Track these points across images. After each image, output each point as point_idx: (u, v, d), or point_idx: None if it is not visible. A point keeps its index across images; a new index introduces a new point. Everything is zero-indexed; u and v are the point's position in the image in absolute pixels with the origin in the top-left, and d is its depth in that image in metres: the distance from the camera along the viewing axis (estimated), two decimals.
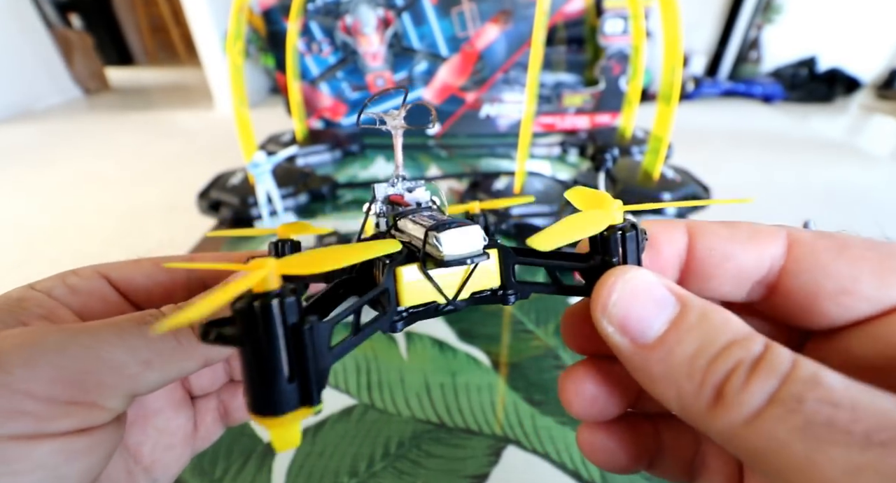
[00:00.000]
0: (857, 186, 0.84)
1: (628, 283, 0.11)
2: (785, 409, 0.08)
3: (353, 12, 0.85)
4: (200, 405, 0.19)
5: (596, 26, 0.88)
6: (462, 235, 0.12)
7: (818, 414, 0.08)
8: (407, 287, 0.13)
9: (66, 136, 1.29)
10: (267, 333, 0.10)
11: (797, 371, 0.09)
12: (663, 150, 0.54)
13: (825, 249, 0.12)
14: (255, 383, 0.10)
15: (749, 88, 1.69)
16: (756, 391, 0.09)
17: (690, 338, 0.10)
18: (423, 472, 0.28)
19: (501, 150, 0.87)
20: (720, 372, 0.09)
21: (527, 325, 0.41)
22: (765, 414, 0.09)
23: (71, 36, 1.87)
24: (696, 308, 0.11)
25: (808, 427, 0.08)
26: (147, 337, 0.13)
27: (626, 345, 0.11)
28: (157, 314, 0.14)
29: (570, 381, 0.15)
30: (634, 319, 0.11)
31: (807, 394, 0.08)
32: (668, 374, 0.10)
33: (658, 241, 0.14)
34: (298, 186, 0.64)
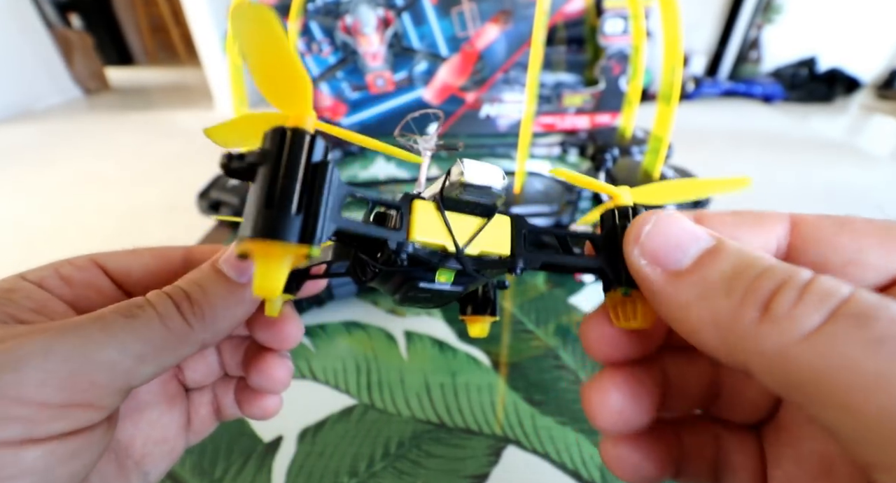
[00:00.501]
0: (857, 186, 0.84)
1: (661, 218, 0.11)
2: (853, 324, 0.08)
3: (353, 12, 0.85)
4: (195, 398, 0.19)
5: (596, 26, 0.88)
6: (485, 168, 0.13)
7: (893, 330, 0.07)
8: (419, 219, 0.13)
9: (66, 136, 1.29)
10: (292, 156, 0.10)
11: (860, 294, 0.08)
12: (663, 150, 0.54)
13: (828, 226, 0.12)
14: (262, 205, 0.10)
15: (749, 88, 1.69)
16: (812, 306, 0.08)
17: (728, 261, 0.10)
18: (423, 472, 0.28)
19: (501, 150, 0.87)
20: (766, 288, 0.09)
21: (527, 325, 0.41)
22: (827, 329, 0.08)
23: (71, 36, 1.87)
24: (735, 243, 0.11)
25: (882, 342, 0.07)
26: (136, 330, 0.12)
27: (657, 276, 0.11)
28: (143, 303, 0.13)
29: (595, 392, 0.14)
30: (670, 246, 0.11)
31: (879, 312, 0.08)
32: (703, 295, 0.10)
33: None
34: None
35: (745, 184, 0.12)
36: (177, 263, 0.18)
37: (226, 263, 0.15)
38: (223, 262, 0.15)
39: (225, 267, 0.15)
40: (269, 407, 0.19)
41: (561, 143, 0.86)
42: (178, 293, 0.14)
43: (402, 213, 0.13)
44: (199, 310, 0.14)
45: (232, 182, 0.64)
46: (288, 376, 0.18)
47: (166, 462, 0.17)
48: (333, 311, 0.42)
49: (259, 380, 0.18)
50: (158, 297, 0.14)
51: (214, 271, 0.15)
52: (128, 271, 0.17)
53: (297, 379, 0.35)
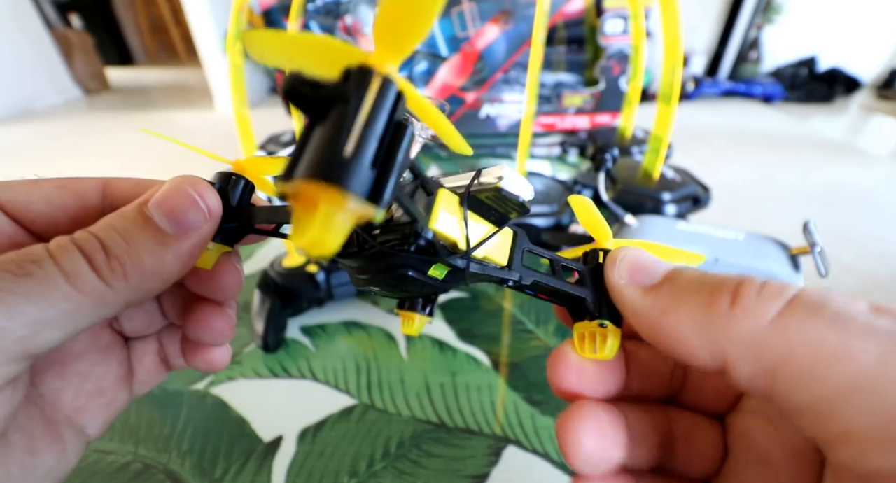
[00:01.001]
0: (857, 186, 0.84)
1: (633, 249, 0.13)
2: (810, 308, 0.09)
3: (353, 12, 0.85)
4: (137, 347, 0.17)
5: (596, 26, 0.88)
6: (521, 180, 0.13)
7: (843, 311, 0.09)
8: (441, 210, 0.12)
9: (66, 136, 1.29)
10: (378, 104, 0.09)
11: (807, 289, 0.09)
12: (663, 150, 0.54)
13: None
14: (334, 149, 0.08)
15: (749, 88, 1.69)
16: (773, 299, 0.09)
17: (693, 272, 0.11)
18: (423, 472, 0.28)
19: (501, 150, 0.87)
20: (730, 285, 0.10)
21: (527, 325, 0.41)
22: (788, 314, 0.09)
23: (71, 36, 1.87)
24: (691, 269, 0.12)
25: (836, 318, 0.08)
26: (31, 292, 0.10)
27: (636, 293, 0.12)
28: (40, 256, 0.11)
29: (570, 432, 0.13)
30: (643, 264, 0.12)
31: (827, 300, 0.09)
32: (678, 299, 0.11)
33: None
34: None
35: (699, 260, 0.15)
36: (93, 200, 0.14)
37: (157, 208, 0.12)
38: (154, 207, 0.12)
39: (156, 213, 0.12)
40: (214, 360, 0.17)
41: (561, 143, 0.86)
42: (90, 243, 0.11)
43: (429, 199, 0.13)
44: (118, 266, 0.11)
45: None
46: (228, 328, 0.16)
47: (105, 414, 0.16)
48: (333, 311, 0.42)
49: (196, 331, 0.16)
50: (62, 249, 0.11)
51: (142, 218, 0.12)
52: (28, 207, 0.13)
53: (297, 379, 0.35)
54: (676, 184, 0.57)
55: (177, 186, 0.13)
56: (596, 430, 0.13)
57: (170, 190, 0.13)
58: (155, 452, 0.30)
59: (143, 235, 0.12)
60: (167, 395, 0.34)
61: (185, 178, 0.13)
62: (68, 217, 0.14)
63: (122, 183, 0.15)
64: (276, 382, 0.35)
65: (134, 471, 0.29)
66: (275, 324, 0.37)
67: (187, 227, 0.12)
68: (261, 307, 0.38)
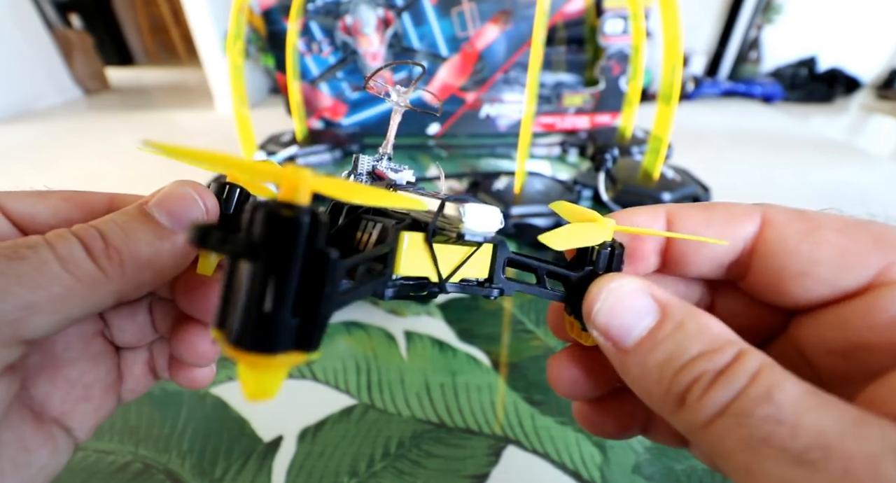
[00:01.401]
0: (857, 186, 0.84)
1: (611, 292, 0.12)
2: (733, 422, 0.09)
3: (353, 12, 0.85)
4: (127, 356, 0.17)
5: (596, 26, 0.88)
6: (486, 213, 0.12)
7: (760, 429, 0.09)
8: (406, 254, 0.12)
9: (66, 136, 1.29)
10: (290, 251, 0.08)
11: (752, 387, 0.09)
12: (663, 150, 0.54)
13: (795, 231, 0.12)
14: (250, 309, 0.08)
15: (749, 88, 1.69)
16: (711, 403, 0.10)
17: (663, 347, 0.11)
18: (423, 472, 0.28)
19: (501, 150, 0.87)
20: (684, 382, 0.10)
21: (527, 325, 0.41)
22: (717, 423, 0.10)
23: (71, 36, 1.86)
24: (675, 317, 0.12)
25: (750, 440, 0.09)
26: (24, 275, 0.10)
27: (608, 348, 0.12)
28: (35, 243, 0.11)
29: (555, 365, 0.16)
30: (614, 328, 0.12)
31: (754, 410, 0.09)
32: (641, 377, 0.11)
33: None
34: None
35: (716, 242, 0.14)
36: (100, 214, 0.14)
37: (158, 207, 0.13)
38: (155, 206, 0.13)
39: (156, 210, 0.13)
40: (195, 378, 0.17)
41: (561, 143, 0.86)
42: (89, 233, 0.12)
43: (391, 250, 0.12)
44: (115, 254, 0.12)
45: None
46: (213, 352, 0.16)
47: (92, 420, 0.16)
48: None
49: (181, 350, 0.16)
50: (59, 237, 0.11)
51: (142, 213, 0.13)
52: (34, 216, 0.14)
53: (297, 379, 0.35)
54: (676, 184, 0.57)
55: (176, 187, 0.13)
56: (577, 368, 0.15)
57: (169, 191, 0.13)
58: (155, 452, 0.30)
59: (143, 229, 0.12)
60: (167, 395, 0.34)
61: (185, 181, 0.14)
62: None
63: (130, 199, 0.15)
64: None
65: (134, 471, 0.29)
66: None
67: (185, 222, 0.13)
68: None
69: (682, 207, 0.14)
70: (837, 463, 0.08)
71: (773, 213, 0.13)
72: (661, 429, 0.16)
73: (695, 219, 0.14)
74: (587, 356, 0.16)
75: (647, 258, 0.15)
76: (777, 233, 0.13)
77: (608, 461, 0.29)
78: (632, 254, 0.15)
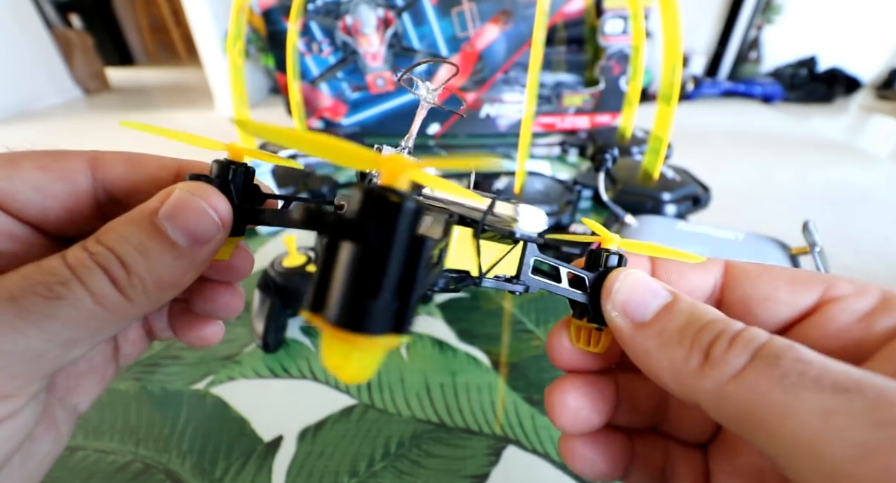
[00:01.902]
0: (857, 186, 0.84)
1: (629, 276, 0.14)
2: (765, 364, 0.10)
3: (353, 12, 0.85)
4: None
5: (596, 26, 0.88)
6: (538, 215, 0.13)
7: (794, 367, 0.09)
8: (455, 248, 0.13)
9: (66, 136, 1.29)
10: (397, 235, 0.09)
11: (774, 340, 0.10)
12: (663, 150, 0.54)
13: (751, 270, 0.15)
14: (354, 291, 0.08)
15: (749, 88, 1.69)
16: (738, 352, 0.10)
17: (681, 315, 0.12)
18: (423, 472, 0.28)
19: (501, 150, 0.87)
20: (706, 338, 0.11)
21: (527, 325, 0.41)
22: (747, 369, 0.10)
23: (71, 36, 1.86)
24: (686, 298, 0.13)
25: (785, 377, 0.09)
26: (64, 315, 0.10)
27: (626, 325, 0.13)
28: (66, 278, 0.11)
29: (556, 394, 0.16)
30: (633, 302, 0.13)
31: (784, 353, 0.10)
32: (661, 345, 0.12)
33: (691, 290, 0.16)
34: (298, 186, 0.64)
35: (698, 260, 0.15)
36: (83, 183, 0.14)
37: (169, 222, 0.12)
38: (166, 220, 0.12)
39: (169, 227, 0.12)
40: (210, 335, 0.17)
41: (561, 143, 0.86)
42: (110, 260, 0.11)
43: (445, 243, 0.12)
44: (138, 282, 0.11)
45: None
46: (240, 302, 0.17)
47: (96, 391, 0.16)
48: None
49: (207, 307, 0.16)
50: (85, 268, 0.11)
51: (155, 231, 0.12)
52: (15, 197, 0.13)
53: (297, 379, 0.35)
54: (676, 184, 0.57)
55: (185, 198, 0.12)
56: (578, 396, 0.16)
57: (179, 201, 0.12)
58: (155, 452, 0.30)
59: (159, 249, 0.12)
60: (167, 395, 0.34)
61: (192, 186, 0.13)
62: (59, 204, 0.13)
63: (112, 162, 0.14)
64: (276, 382, 0.35)
65: (134, 471, 0.29)
66: (275, 324, 0.37)
67: (201, 239, 0.12)
68: (261, 307, 0.38)
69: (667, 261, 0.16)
70: (871, 390, 0.08)
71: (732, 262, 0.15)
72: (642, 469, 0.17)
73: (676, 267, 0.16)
74: (587, 383, 0.16)
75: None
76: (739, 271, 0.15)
77: None
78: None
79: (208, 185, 0.13)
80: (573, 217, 0.55)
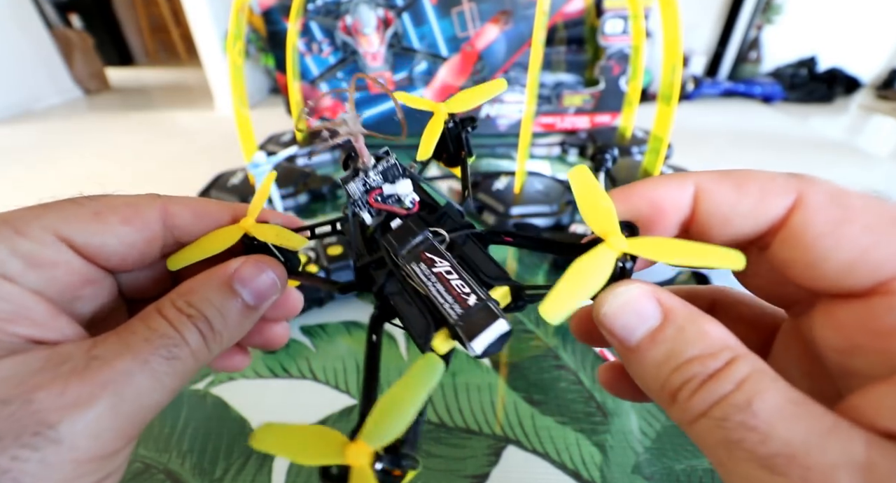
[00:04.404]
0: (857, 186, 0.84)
1: (618, 297, 0.13)
2: (713, 424, 0.11)
3: (353, 12, 0.85)
4: None
5: (596, 26, 0.88)
6: (492, 335, 0.13)
7: (735, 433, 0.10)
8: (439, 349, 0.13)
9: (66, 136, 1.29)
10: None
11: (736, 393, 0.11)
12: (663, 150, 0.54)
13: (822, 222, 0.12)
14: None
15: (749, 88, 1.69)
16: (696, 404, 0.11)
17: (662, 348, 0.12)
18: (424, 472, 0.28)
19: (501, 150, 0.87)
20: (676, 382, 0.12)
21: (527, 325, 0.41)
22: (700, 422, 0.11)
23: (71, 36, 1.87)
24: (676, 321, 0.12)
25: (725, 441, 0.10)
26: (177, 372, 0.13)
27: (615, 344, 0.13)
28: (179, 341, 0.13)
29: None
30: (618, 328, 0.13)
31: (733, 415, 0.10)
32: (641, 373, 0.13)
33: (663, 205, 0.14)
34: (298, 186, 0.64)
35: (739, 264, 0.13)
36: (156, 232, 0.16)
37: (242, 285, 0.15)
38: (239, 284, 0.15)
39: (244, 291, 0.15)
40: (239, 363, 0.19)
41: (561, 143, 0.86)
42: (204, 324, 0.14)
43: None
44: (219, 338, 0.14)
45: (232, 181, 0.64)
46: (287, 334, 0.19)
47: None
48: (333, 311, 0.42)
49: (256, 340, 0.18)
50: (189, 332, 0.13)
51: (231, 293, 0.15)
52: (101, 248, 0.15)
53: (297, 379, 0.35)
54: None
55: (256, 266, 0.15)
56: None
57: (251, 269, 0.15)
58: (155, 452, 0.30)
59: (234, 309, 0.15)
60: None
61: (256, 257, 0.16)
62: (136, 251, 0.16)
63: (180, 211, 0.16)
64: (276, 382, 0.35)
65: (134, 471, 0.29)
66: None
67: (266, 299, 0.15)
68: None
69: (711, 178, 0.14)
70: (797, 471, 0.09)
71: (809, 194, 0.13)
72: None
73: (725, 194, 0.14)
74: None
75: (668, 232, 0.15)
76: (804, 219, 0.13)
77: (608, 461, 0.29)
78: (650, 228, 0.14)
79: (267, 255, 0.16)
80: (573, 217, 0.55)
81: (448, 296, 0.14)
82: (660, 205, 0.14)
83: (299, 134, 0.83)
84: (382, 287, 0.15)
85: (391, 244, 0.15)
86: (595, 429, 0.31)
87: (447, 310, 0.13)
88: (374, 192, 0.16)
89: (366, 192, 0.16)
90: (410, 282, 0.15)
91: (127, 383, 0.12)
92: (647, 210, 0.14)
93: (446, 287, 0.14)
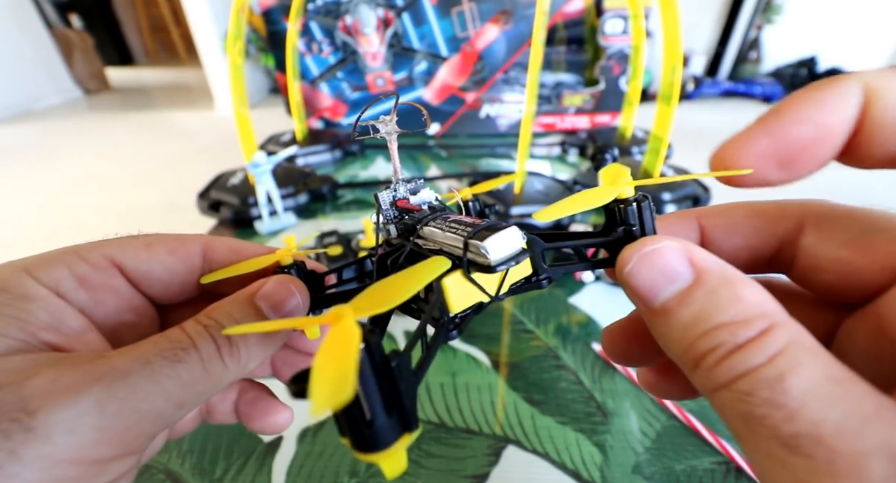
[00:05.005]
0: (857, 186, 0.84)
1: (644, 255, 0.12)
2: (735, 397, 0.10)
3: (353, 12, 0.85)
4: None
5: (596, 26, 0.88)
6: (505, 239, 0.13)
7: (758, 409, 0.09)
8: (454, 295, 0.13)
9: (66, 136, 1.29)
10: (362, 384, 0.10)
11: (766, 367, 0.10)
12: (663, 150, 0.54)
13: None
14: (354, 427, 0.10)
15: (749, 88, 1.69)
16: (720, 374, 0.10)
17: (689, 310, 0.11)
18: (424, 472, 0.28)
19: (501, 150, 0.87)
20: (702, 348, 0.11)
21: (527, 325, 0.41)
22: (723, 391, 0.10)
23: (71, 36, 1.87)
24: (709, 283, 0.11)
25: (747, 416, 0.10)
26: (181, 377, 0.12)
27: (639, 305, 0.13)
28: (187, 344, 0.13)
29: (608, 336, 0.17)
30: (642, 288, 0.12)
31: (759, 391, 0.10)
32: (665, 335, 0.12)
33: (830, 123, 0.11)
34: (299, 186, 0.64)
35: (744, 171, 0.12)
36: (197, 263, 0.17)
37: (265, 301, 0.15)
38: (261, 300, 0.15)
39: (264, 306, 0.15)
40: (281, 422, 0.19)
41: (561, 143, 0.86)
42: (216, 331, 0.14)
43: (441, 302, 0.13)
44: (236, 351, 0.14)
45: (232, 182, 0.64)
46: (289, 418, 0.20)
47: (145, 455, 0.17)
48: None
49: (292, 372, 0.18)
50: (201, 338, 0.13)
51: (253, 308, 0.15)
52: (148, 275, 0.16)
53: None
54: (676, 184, 0.57)
55: (280, 283, 0.15)
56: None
57: (274, 286, 0.15)
58: None
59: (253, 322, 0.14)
60: None
61: (285, 277, 0.16)
62: (179, 281, 0.17)
63: (219, 248, 0.18)
64: (276, 382, 0.35)
65: None
66: None
67: (286, 315, 0.15)
68: None
69: (885, 75, 0.11)
70: (823, 453, 0.08)
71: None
72: None
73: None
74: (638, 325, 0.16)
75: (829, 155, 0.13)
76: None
77: (608, 461, 0.29)
78: (808, 156, 0.12)
79: (289, 275, 0.17)
80: (573, 217, 0.55)
81: (460, 227, 0.14)
82: (825, 123, 0.11)
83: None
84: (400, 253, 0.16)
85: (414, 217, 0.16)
86: (595, 429, 0.31)
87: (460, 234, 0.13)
88: (401, 202, 0.17)
89: (394, 201, 0.17)
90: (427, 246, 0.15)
91: (121, 379, 0.11)
92: (810, 135, 0.11)
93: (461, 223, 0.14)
